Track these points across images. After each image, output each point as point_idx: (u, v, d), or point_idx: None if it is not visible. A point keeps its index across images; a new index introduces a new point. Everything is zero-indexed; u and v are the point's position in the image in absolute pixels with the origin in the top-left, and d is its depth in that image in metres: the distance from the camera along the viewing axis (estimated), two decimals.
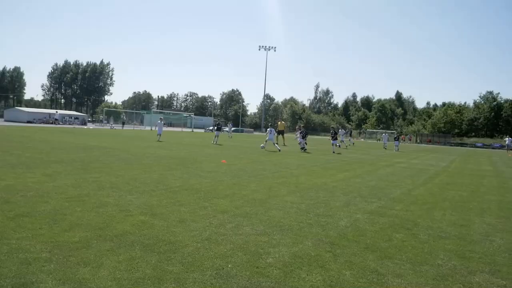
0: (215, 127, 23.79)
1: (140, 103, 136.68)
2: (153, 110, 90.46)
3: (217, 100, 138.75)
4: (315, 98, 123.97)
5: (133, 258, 3.88)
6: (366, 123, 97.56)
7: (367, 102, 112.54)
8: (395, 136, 34.44)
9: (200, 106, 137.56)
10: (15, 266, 3.51)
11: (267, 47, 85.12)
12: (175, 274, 3.57)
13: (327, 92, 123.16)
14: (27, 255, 3.79)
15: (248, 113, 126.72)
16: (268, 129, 22.44)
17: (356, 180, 10.69)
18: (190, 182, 8.59)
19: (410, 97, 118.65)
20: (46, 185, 7.31)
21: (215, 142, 24.70)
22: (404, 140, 68.42)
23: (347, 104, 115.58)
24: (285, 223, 5.54)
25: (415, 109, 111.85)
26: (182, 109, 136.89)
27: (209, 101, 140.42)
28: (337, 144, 27.64)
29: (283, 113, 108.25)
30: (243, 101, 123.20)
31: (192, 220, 5.43)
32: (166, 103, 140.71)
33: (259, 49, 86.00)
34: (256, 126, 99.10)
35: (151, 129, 50.73)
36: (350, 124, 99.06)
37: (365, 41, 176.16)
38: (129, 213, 5.63)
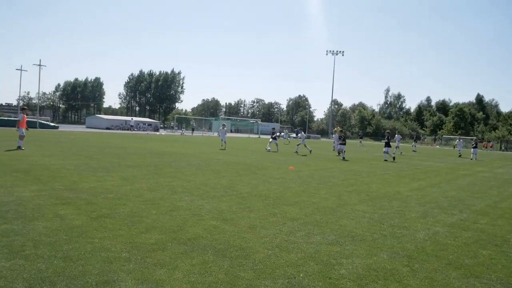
0: (276, 134, 22.99)
1: (209, 110, 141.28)
2: (221, 116, 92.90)
3: (283, 106, 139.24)
4: (385, 102, 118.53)
5: (206, 262, 3.94)
6: (442, 129, 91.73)
7: (442, 106, 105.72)
8: (473, 143, 28.95)
9: (266, 112, 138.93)
10: (98, 264, 3.72)
11: (335, 52, 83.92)
12: (247, 280, 3.55)
13: (398, 96, 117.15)
14: (109, 254, 4.00)
15: (315, 119, 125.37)
16: (300, 134, 22.10)
17: (433, 190, 10.05)
18: (259, 188, 8.63)
19: (493, 100, 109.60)
20: (124, 188, 7.75)
21: (269, 149, 23.98)
22: (485, 148, 63.28)
23: (420, 109, 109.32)
24: (357, 233, 5.32)
25: (499, 113, 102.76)
26: (249, 115, 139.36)
27: (276, 107, 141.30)
28: (400, 152, 26.32)
29: (351, 118, 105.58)
30: (309, 107, 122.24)
31: (262, 226, 5.42)
32: (233, 110, 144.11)
33: (327, 54, 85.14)
34: (323, 132, 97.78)
35: (217, 135, 52.09)
36: (424, 129, 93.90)
37: (440, 40, 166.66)
38: (200, 217, 5.76)
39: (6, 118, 57.03)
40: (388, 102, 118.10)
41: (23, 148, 15.57)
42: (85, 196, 6.76)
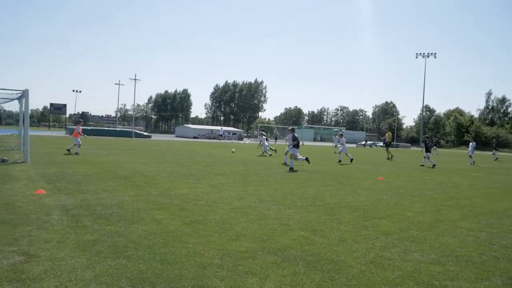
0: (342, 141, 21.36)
1: (291, 119, 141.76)
2: (304, 125, 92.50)
3: (369, 113, 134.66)
4: (486, 107, 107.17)
5: (297, 274, 3.84)
6: None
7: None
8: None
9: (351, 120, 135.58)
10: (193, 269, 3.82)
11: (425, 54, 78.80)
12: None
13: (502, 100, 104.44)
14: (202, 259, 4.10)
15: (404, 126, 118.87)
16: (341, 140, 20.66)
17: None
18: (347, 199, 8.33)
19: None
20: (213, 196, 7.98)
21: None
22: None
23: None
24: (462, 253, 4.83)
25: None
26: (332, 123, 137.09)
27: (361, 115, 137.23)
28: (472, 162, 23.92)
29: (446, 125, 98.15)
30: (398, 114, 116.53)
31: (353, 240, 5.18)
32: (316, 118, 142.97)
33: (416, 57, 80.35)
34: (413, 140, 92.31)
35: (302, 144, 51.78)
36: None
37: None
38: (289, 227, 5.69)
39: (106, 128, 62.95)
40: (490, 107, 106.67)
41: (78, 154, 17.33)
42: (178, 202, 7.08)
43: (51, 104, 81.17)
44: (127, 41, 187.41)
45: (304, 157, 15.46)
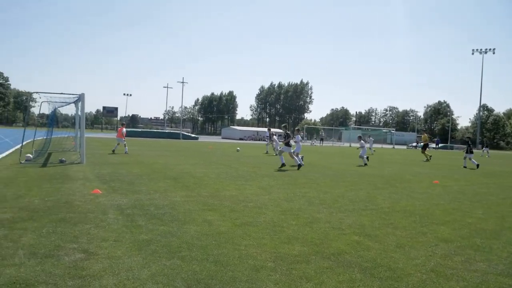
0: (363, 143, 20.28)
1: (338, 120, 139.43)
2: (352, 126, 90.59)
3: (420, 113, 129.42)
4: None
5: (353, 280, 3.70)
6: None
7: None
8: None
9: (400, 121, 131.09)
10: (246, 271, 3.78)
11: (483, 50, 74.45)
12: None
13: None
14: (255, 262, 4.05)
15: (459, 127, 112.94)
16: (361, 142, 19.51)
17: None
18: (401, 204, 7.99)
19: None
20: (262, 198, 7.94)
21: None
22: None
23: None
24: None
25: None
26: (381, 124, 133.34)
27: (411, 115, 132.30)
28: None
29: (506, 126, 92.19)
30: (452, 114, 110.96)
31: (411, 246, 4.93)
32: (364, 119, 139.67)
33: (473, 53, 76.10)
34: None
35: (350, 146, 50.76)
36: None
37: None
38: (342, 231, 5.52)
39: (155, 130, 65.08)
40: None
41: (127, 153, 18.60)
42: (227, 204, 7.10)
43: (104, 107, 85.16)
44: (175, 44, 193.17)
45: (299, 163, 14.81)
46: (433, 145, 58.39)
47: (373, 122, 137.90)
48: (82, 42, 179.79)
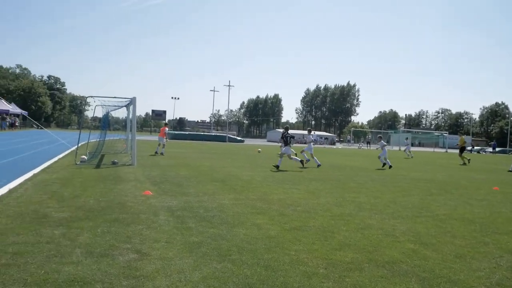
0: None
1: (386, 122, 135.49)
2: (401, 129, 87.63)
3: (475, 116, 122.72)
4: None
5: None
6: None
7: None
8: None
9: (453, 123, 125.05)
10: (298, 277, 3.69)
11: None
12: None
13: None
14: (306, 268, 3.95)
15: None
16: (380, 142, 18.51)
17: None
18: (458, 211, 7.55)
19: None
20: (311, 202, 7.80)
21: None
22: None
23: None
24: None
25: None
26: (432, 127, 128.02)
27: (466, 118, 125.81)
28: None
29: None
30: (511, 116, 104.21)
31: (471, 257, 4.62)
32: (413, 122, 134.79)
33: None
34: None
35: (399, 149, 49.11)
36: None
37: None
38: (395, 238, 5.29)
39: (202, 133, 66.38)
40: None
41: (163, 154, 19.37)
42: (276, 207, 7.04)
43: (153, 111, 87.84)
44: (221, 48, 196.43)
45: (300, 159, 15.47)
46: (490, 149, 55.15)
47: (423, 125, 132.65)
48: (132, 47, 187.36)
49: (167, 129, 21.39)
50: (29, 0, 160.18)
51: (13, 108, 56.08)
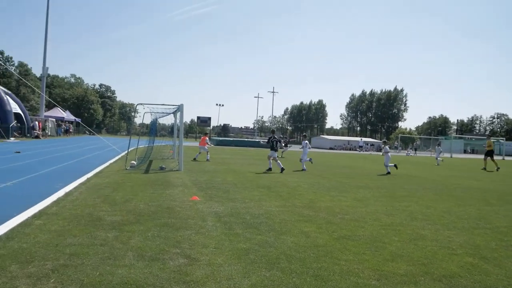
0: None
1: (436, 128, 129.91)
2: (452, 135, 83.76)
3: None
4: None
5: None
6: None
7: None
8: None
9: (511, 129, 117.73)
10: None
11: None
12: None
13: None
14: (358, 279, 3.81)
15: None
16: (385, 147, 17.23)
17: None
18: None
19: None
20: (359, 210, 7.58)
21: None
22: None
23: None
24: None
25: None
26: (486, 133, 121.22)
27: None
28: None
29: None
30: None
31: None
32: (466, 127, 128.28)
33: None
34: None
35: (451, 156, 46.92)
36: None
37: None
38: (452, 251, 5.00)
39: (246, 139, 66.86)
40: None
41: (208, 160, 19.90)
42: (323, 215, 6.90)
43: (198, 117, 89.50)
44: (265, 55, 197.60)
45: (282, 166, 15.37)
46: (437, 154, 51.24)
47: (477, 131, 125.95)
48: (179, 56, 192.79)
49: (207, 138, 22.27)
50: (84, 14, 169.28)
51: (67, 116, 59.51)
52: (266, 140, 16.45)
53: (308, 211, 7.19)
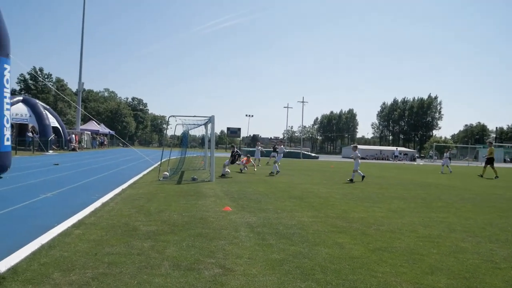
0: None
1: (473, 137, 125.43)
2: (488, 142, 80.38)
3: None
4: None
5: None
6: None
7: None
8: None
9: None
10: None
11: None
12: None
13: None
14: None
15: None
16: (355, 152, 16.34)
17: None
18: None
19: None
20: (394, 221, 7.40)
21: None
22: None
23: None
24: None
25: None
26: None
27: None
28: None
29: None
30: None
31: None
32: (506, 135, 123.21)
33: None
34: None
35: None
36: None
37: None
38: (495, 265, 4.78)
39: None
40: None
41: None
42: (357, 226, 6.77)
43: (228, 128, 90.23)
44: (294, 65, 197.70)
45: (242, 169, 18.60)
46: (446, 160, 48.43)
47: None
48: (208, 68, 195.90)
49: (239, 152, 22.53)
50: (115, 28, 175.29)
51: (102, 129, 61.49)
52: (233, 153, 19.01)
53: (341, 222, 7.08)
